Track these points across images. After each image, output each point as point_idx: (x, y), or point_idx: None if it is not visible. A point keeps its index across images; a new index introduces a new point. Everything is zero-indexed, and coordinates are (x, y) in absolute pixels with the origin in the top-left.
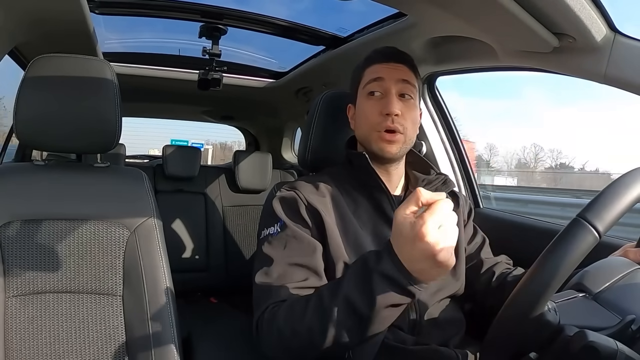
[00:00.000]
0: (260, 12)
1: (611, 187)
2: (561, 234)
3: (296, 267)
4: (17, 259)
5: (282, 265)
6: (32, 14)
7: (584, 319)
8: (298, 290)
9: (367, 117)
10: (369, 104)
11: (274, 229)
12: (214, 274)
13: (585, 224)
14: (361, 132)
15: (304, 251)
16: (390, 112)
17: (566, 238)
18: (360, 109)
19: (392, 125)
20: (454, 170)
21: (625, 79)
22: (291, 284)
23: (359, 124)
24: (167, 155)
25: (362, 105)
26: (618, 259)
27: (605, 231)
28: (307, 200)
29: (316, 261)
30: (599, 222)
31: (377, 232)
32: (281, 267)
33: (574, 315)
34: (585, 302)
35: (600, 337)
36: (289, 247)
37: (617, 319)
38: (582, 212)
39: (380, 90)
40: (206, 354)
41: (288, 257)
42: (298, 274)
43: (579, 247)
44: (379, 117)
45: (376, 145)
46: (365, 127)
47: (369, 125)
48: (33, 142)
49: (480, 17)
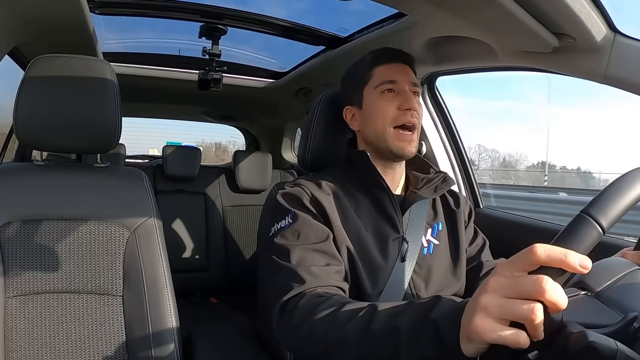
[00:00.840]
0: (260, 12)
1: (616, 184)
2: (565, 230)
3: (315, 252)
4: (17, 259)
5: (302, 252)
6: (32, 14)
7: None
8: (326, 275)
9: (383, 113)
10: (384, 99)
11: (285, 221)
12: (214, 274)
13: (589, 220)
14: (374, 130)
15: (318, 237)
16: (411, 107)
17: (570, 233)
18: (373, 106)
19: (412, 120)
20: (454, 170)
21: (625, 79)
22: (318, 268)
23: (371, 121)
24: (167, 156)
25: (376, 102)
26: (618, 259)
27: (609, 227)
28: (311, 193)
29: (332, 246)
30: (603, 218)
31: (378, 231)
32: (301, 253)
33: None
34: (587, 299)
35: (600, 337)
36: (302, 235)
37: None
38: (586, 208)
39: (394, 88)
40: (206, 354)
41: (304, 244)
42: (318, 259)
43: (583, 243)
44: (397, 111)
45: (394, 145)
46: (380, 124)
47: (385, 121)
48: (33, 142)
49: (480, 17)
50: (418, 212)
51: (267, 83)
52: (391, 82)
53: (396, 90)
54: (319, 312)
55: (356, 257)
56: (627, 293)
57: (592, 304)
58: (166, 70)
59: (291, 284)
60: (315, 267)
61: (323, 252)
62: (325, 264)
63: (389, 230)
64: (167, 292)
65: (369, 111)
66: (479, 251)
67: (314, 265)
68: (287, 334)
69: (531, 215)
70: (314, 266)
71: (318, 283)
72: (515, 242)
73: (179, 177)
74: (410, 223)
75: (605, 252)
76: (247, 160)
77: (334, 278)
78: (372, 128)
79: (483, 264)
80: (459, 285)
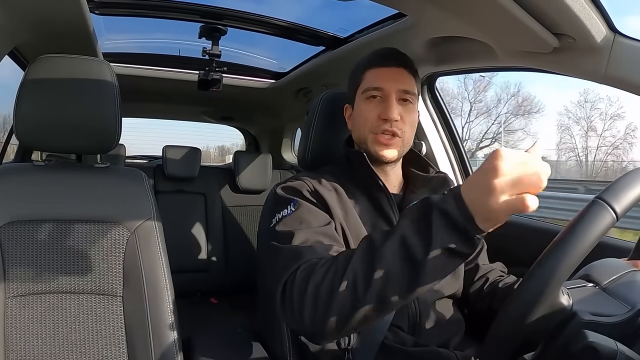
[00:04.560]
0: (260, 13)
1: (631, 173)
2: (580, 214)
3: (319, 235)
4: (17, 260)
5: (305, 234)
6: (32, 14)
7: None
8: (328, 253)
9: (365, 120)
10: (368, 106)
11: (288, 210)
12: (214, 275)
13: (604, 204)
14: (358, 134)
15: (321, 222)
16: (389, 118)
17: (585, 217)
18: (359, 111)
19: (391, 129)
20: (454, 170)
21: (625, 79)
22: (320, 247)
23: (357, 125)
24: (167, 156)
25: (361, 107)
26: (619, 260)
27: (623, 213)
28: (313, 186)
29: (334, 231)
30: (616, 203)
31: (376, 230)
32: (304, 235)
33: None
34: (594, 291)
35: (600, 337)
36: (305, 221)
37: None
38: (600, 194)
39: (380, 95)
40: (206, 354)
41: (307, 228)
42: (322, 241)
43: (597, 227)
44: (377, 120)
45: (373, 148)
46: (362, 129)
47: (366, 127)
48: (33, 143)
49: (480, 18)
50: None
51: (267, 83)
52: (377, 89)
53: (382, 97)
54: (317, 271)
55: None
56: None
57: (600, 295)
58: (166, 70)
59: (290, 265)
60: (319, 246)
61: (327, 235)
62: (327, 246)
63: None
64: (167, 293)
65: (356, 115)
66: (477, 254)
67: (318, 245)
68: (293, 311)
69: None
70: (317, 245)
71: (318, 257)
72: (515, 242)
73: (179, 177)
74: None
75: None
76: (247, 160)
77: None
78: (356, 132)
79: (479, 267)
80: (458, 285)
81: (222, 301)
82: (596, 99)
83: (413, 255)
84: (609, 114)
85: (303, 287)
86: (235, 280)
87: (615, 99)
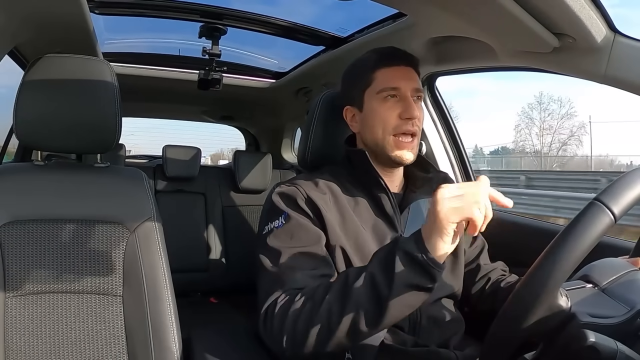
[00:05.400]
0: (260, 12)
1: (629, 175)
2: (578, 215)
3: (305, 255)
4: (17, 259)
5: (291, 255)
6: (31, 14)
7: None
8: (310, 278)
9: (383, 120)
10: (386, 106)
11: (279, 221)
12: (214, 274)
13: (602, 206)
14: (373, 136)
15: (310, 240)
16: (412, 117)
17: (583, 219)
18: (373, 112)
19: (412, 128)
20: (454, 170)
21: (625, 79)
22: (303, 272)
23: (370, 127)
24: (167, 156)
25: (376, 108)
26: (619, 259)
27: (621, 215)
28: (306, 194)
29: (322, 249)
30: (614, 205)
31: (377, 230)
32: (290, 256)
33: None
34: (593, 292)
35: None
36: (295, 237)
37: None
38: (598, 196)
39: (398, 95)
40: (206, 354)
41: (296, 246)
42: (308, 262)
43: (595, 228)
44: (398, 120)
45: (393, 152)
46: (379, 130)
47: (386, 129)
48: (33, 143)
49: (480, 17)
50: (417, 211)
51: (267, 83)
52: (394, 89)
53: (399, 97)
54: (297, 302)
55: (353, 256)
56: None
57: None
58: (166, 70)
59: (272, 291)
60: (300, 273)
61: (313, 255)
62: (312, 267)
63: (388, 229)
64: (167, 292)
65: (369, 116)
66: (478, 254)
67: (300, 270)
68: (273, 336)
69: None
70: (304, 270)
71: (299, 286)
72: (515, 242)
73: (179, 177)
74: (409, 222)
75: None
76: (247, 160)
77: (318, 282)
78: (371, 134)
79: (480, 267)
80: (458, 285)
81: (222, 301)
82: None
83: (379, 292)
84: (561, 113)
85: (282, 318)
86: (235, 280)
87: (567, 101)
